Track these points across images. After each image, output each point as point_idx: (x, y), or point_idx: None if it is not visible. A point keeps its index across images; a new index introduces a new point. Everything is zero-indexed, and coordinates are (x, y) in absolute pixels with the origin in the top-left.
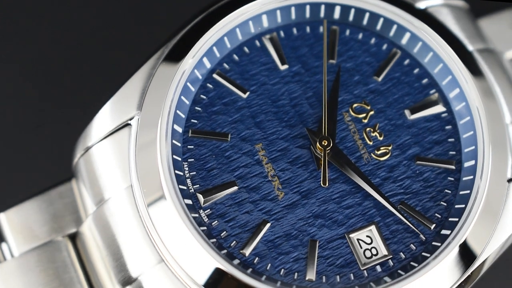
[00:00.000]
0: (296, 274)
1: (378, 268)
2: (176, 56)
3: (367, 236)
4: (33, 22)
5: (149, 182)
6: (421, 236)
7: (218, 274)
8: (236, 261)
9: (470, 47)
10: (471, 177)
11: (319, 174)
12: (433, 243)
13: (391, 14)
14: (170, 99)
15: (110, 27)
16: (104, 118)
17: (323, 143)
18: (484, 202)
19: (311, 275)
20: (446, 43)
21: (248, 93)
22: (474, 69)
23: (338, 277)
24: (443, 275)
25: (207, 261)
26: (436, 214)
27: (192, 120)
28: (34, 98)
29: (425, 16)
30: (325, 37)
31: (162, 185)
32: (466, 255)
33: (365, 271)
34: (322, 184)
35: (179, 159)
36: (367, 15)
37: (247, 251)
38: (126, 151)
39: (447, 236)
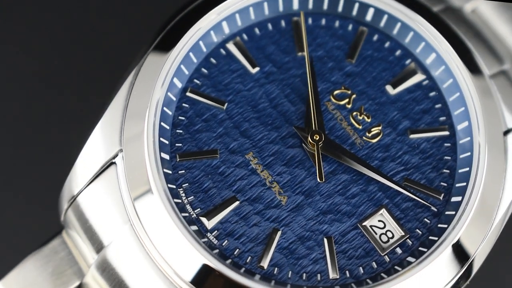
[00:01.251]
0: (319, 275)
1: (398, 250)
2: (147, 83)
3: (379, 220)
4: None
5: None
6: (433, 208)
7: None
8: (257, 276)
9: (433, 9)
10: (468, 138)
11: (315, 170)
12: (446, 212)
13: None
14: (151, 128)
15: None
16: (86, 161)
17: (314, 137)
18: (488, 159)
19: (334, 273)
20: (412, 10)
21: (226, 104)
22: (444, 30)
23: (361, 268)
24: (465, 241)
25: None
26: (442, 183)
27: (177, 144)
28: None
29: None
30: (304, 28)
31: (164, 216)
32: (484, 213)
33: (386, 256)
34: (318, 180)
35: (174, 186)
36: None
37: (265, 264)
38: (117, 190)
39: (459, 202)
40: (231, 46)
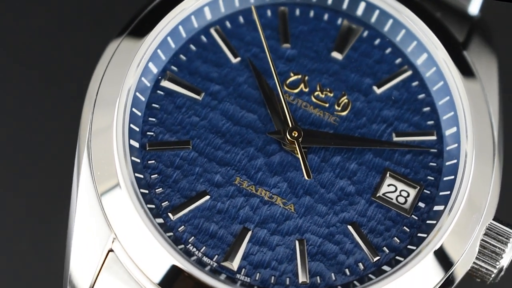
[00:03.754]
0: (360, 264)
1: (422, 205)
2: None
3: (389, 185)
4: None
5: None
6: (432, 150)
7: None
8: None
9: None
10: (434, 68)
11: (309, 165)
12: (447, 148)
13: None
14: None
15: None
16: (80, 265)
17: (293, 135)
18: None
19: (373, 255)
20: None
21: (191, 142)
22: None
23: (396, 238)
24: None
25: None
26: (428, 122)
27: (163, 204)
28: None
29: None
30: (258, 24)
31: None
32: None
33: (413, 215)
34: (306, 178)
35: (182, 245)
36: None
37: (306, 278)
38: (126, 275)
39: (455, 134)
40: (166, 84)
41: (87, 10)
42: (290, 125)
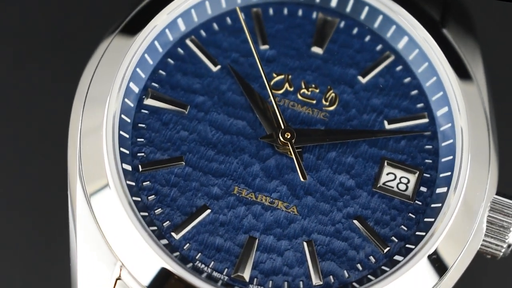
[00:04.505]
0: (372, 258)
1: (423, 189)
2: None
3: (388, 174)
4: None
5: None
6: (425, 133)
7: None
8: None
9: None
10: (417, 50)
11: (305, 164)
12: (441, 129)
13: None
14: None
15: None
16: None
17: (286, 136)
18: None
19: (384, 246)
20: None
21: (183, 157)
22: None
23: (403, 226)
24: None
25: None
26: (418, 105)
27: (165, 224)
28: None
29: None
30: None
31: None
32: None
33: (416, 201)
34: (302, 179)
35: (190, 263)
36: None
37: (319, 279)
38: None
39: (447, 113)
40: (149, 102)
41: (77, 10)
42: (283, 127)
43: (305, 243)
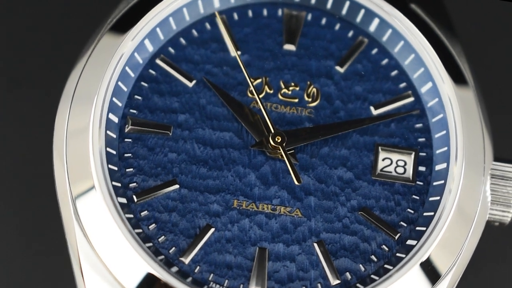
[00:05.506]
0: (384, 247)
1: (422, 168)
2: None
3: (383, 159)
4: None
5: None
6: (414, 112)
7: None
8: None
9: None
10: (390, 30)
11: (300, 165)
12: (428, 105)
13: None
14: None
15: None
16: None
17: (276, 140)
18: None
19: (394, 232)
20: None
21: (177, 180)
22: None
23: (409, 210)
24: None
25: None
26: (400, 85)
27: (171, 251)
28: None
29: None
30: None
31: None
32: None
33: (417, 182)
34: (296, 183)
35: (202, 283)
36: None
37: (338, 278)
38: None
39: (432, 89)
40: (131, 129)
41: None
42: (272, 131)
43: (315, 244)
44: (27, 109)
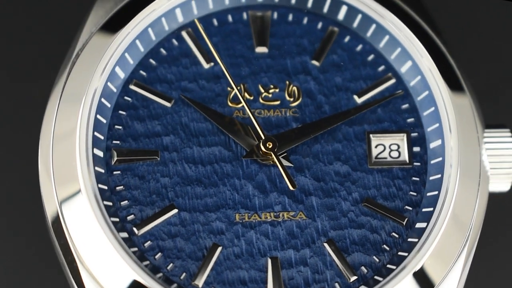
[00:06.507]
0: (395, 234)
1: (417, 149)
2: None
3: (376, 146)
4: None
5: None
6: (396, 93)
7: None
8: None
9: None
10: (359, 17)
11: (295, 167)
12: (411, 84)
13: None
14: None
15: None
16: None
17: (267, 146)
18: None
19: (401, 218)
20: None
21: (174, 204)
22: None
23: (411, 193)
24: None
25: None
26: (379, 69)
27: (182, 277)
28: None
29: None
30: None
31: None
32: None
33: (414, 163)
34: (292, 188)
35: None
36: None
37: (354, 273)
38: None
39: (412, 67)
40: (117, 161)
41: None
42: (263, 137)
43: (325, 244)
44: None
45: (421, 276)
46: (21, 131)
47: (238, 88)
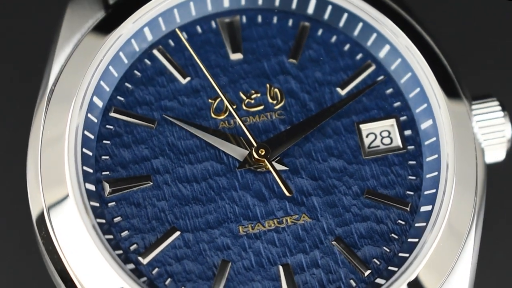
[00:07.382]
0: (401, 221)
1: (408, 132)
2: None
3: (367, 135)
4: None
5: None
6: (379, 79)
7: None
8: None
9: None
10: (329, 8)
11: (290, 169)
12: (392, 68)
13: None
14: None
15: None
16: None
17: (260, 153)
18: None
19: (404, 204)
20: None
21: (175, 226)
22: None
23: (410, 177)
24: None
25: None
26: (358, 57)
27: None
28: None
29: None
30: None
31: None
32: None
33: (408, 147)
34: (288, 194)
35: None
36: None
37: (367, 268)
38: None
39: (390, 51)
40: (109, 192)
41: None
42: (255, 144)
43: (334, 243)
44: None
45: (436, 260)
46: None
47: (220, 99)
